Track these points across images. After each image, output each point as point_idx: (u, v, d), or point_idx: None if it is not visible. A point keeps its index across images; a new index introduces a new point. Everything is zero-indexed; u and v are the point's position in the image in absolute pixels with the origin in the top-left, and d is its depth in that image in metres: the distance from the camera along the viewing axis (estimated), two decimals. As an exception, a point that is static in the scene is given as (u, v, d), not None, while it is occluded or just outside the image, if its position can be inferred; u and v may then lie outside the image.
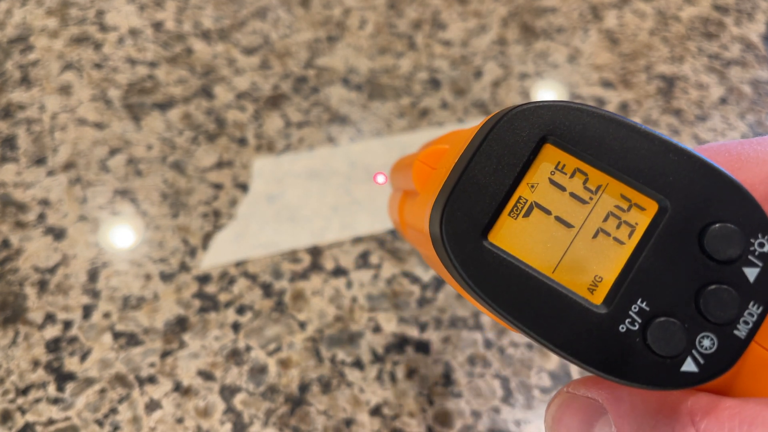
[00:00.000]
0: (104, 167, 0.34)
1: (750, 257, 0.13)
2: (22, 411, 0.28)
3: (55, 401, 0.28)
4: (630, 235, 0.14)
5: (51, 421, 0.28)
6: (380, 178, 0.25)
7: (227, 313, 0.31)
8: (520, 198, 0.14)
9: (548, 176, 0.14)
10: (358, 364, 0.30)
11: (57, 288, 0.31)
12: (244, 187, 0.34)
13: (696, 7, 0.43)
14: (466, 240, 0.14)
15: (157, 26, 0.39)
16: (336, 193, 0.34)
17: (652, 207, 0.13)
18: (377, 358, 0.30)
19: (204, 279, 0.31)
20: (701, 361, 0.13)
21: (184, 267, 0.32)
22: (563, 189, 0.14)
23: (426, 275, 0.32)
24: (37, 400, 0.28)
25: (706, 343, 0.13)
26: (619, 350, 0.13)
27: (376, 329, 0.31)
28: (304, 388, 0.29)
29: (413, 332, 0.31)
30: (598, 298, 0.13)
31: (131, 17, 0.40)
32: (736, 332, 0.13)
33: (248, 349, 0.30)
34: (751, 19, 0.42)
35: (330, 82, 0.38)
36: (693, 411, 0.13)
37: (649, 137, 0.13)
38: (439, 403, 0.29)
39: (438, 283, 0.32)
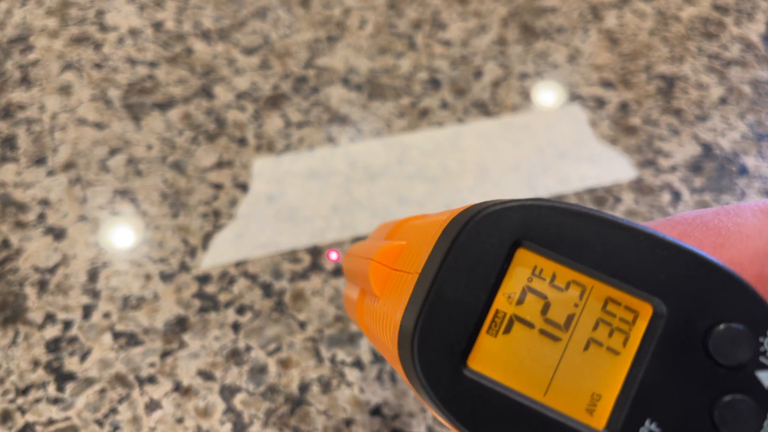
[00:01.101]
0: (104, 167, 0.34)
1: (762, 359, 0.12)
2: (22, 411, 0.28)
3: (55, 401, 0.28)
4: (625, 343, 0.12)
5: (51, 421, 0.28)
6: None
7: (227, 313, 0.31)
8: (497, 312, 0.12)
9: (526, 284, 0.12)
10: (358, 364, 0.30)
11: (57, 288, 0.31)
12: (244, 187, 0.34)
13: (696, 7, 0.43)
14: (444, 371, 0.12)
15: (157, 26, 0.39)
16: (336, 193, 0.34)
17: (646, 310, 0.12)
18: (377, 358, 0.30)
19: (204, 279, 0.31)
20: None
21: (184, 267, 0.32)
22: (544, 297, 0.12)
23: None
24: (37, 400, 0.28)
25: None
26: None
27: (376, 329, 0.31)
28: (304, 388, 0.29)
29: (413, 332, 0.31)
30: (599, 422, 0.12)
31: (131, 17, 0.40)
32: None
33: (248, 349, 0.30)
34: (751, 19, 0.42)
35: (330, 82, 0.38)
36: None
37: (633, 232, 0.12)
38: (439, 403, 0.29)
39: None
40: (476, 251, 0.12)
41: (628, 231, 0.12)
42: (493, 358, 0.12)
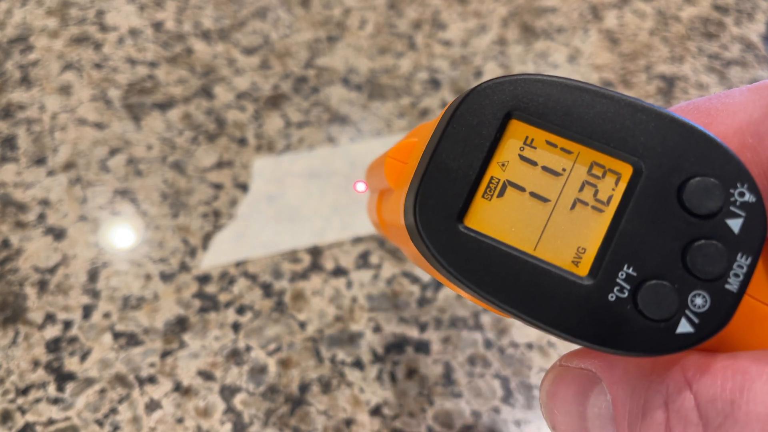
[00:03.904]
0: (104, 167, 0.34)
1: (732, 208, 0.13)
2: (22, 411, 0.28)
3: (55, 401, 0.28)
4: (608, 202, 0.13)
5: (51, 421, 0.28)
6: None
7: (227, 313, 0.31)
8: (492, 178, 0.14)
9: (518, 152, 0.14)
10: (358, 364, 0.30)
11: (57, 288, 0.31)
12: (244, 187, 0.34)
13: (696, 7, 0.43)
14: (441, 226, 0.13)
15: (157, 26, 0.39)
16: (336, 193, 0.34)
17: (626, 170, 0.13)
18: (377, 358, 0.30)
19: (204, 279, 0.31)
20: (696, 320, 0.12)
21: (184, 267, 0.32)
22: (534, 164, 0.14)
23: (426, 275, 0.32)
24: (37, 400, 0.28)
25: (699, 301, 0.12)
26: (610, 320, 0.13)
27: (376, 329, 0.31)
28: (304, 388, 0.29)
29: (413, 332, 0.31)
30: (583, 270, 0.13)
31: (131, 17, 0.40)
32: (727, 286, 0.12)
33: (248, 349, 0.30)
34: (751, 19, 0.42)
35: (330, 82, 0.38)
36: (686, 369, 0.12)
37: (615, 100, 0.13)
38: (439, 403, 0.29)
39: (438, 283, 0.32)
40: (472, 123, 0.14)
41: (611, 99, 0.13)
42: (487, 218, 0.14)
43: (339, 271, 0.32)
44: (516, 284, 0.13)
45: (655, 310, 0.12)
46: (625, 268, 0.13)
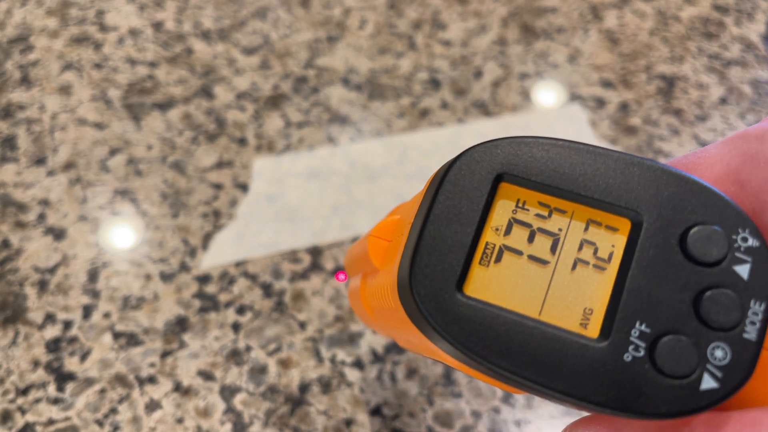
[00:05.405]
0: (104, 167, 0.34)
1: (737, 254, 0.12)
2: (22, 411, 0.28)
3: (55, 401, 0.28)
4: (609, 259, 0.13)
5: (51, 421, 0.28)
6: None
7: (227, 313, 0.31)
8: (487, 244, 0.13)
9: (511, 216, 0.13)
10: (358, 364, 0.30)
11: (57, 288, 0.31)
12: (244, 187, 0.34)
13: (696, 7, 0.43)
14: (440, 297, 0.13)
15: (157, 26, 0.39)
16: (336, 193, 0.34)
17: (624, 225, 0.13)
18: (377, 358, 0.30)
19: (204, 279, 0.31)
20: (719, 374, 0.12)
21: (184, 267, 0.32)
22: (529, 226, 0.13)
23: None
24: (37, 400, 0.28)
25: (719, 353, 0.12)
26: (630, 382, 0.12)
27: (376, 329, 0.31)
28: (304, 388, 0.29)
29: (413, 332, 0.31)
30: (593, 332, 0.13)
31: (131, 17, 0.40)
32: (745, 335, 0.12)
33: (248, 349, 0.30)
34: (751, 19, 0.42)
35: (330, 82, 0.38)
36: (693, 428, 0.12)
37: (604, 155, 0.13)
38: (439, 403, 0.29)
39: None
40: (461, 189, 0.13)
41: (600, 155, 0.13)
42: (487, 285, 0.13)
43: (339, 271, 0.32)
44: (524, 352, 0.12)
45: (675, 366, 0.12)
46: (637, 325, 0.12)
